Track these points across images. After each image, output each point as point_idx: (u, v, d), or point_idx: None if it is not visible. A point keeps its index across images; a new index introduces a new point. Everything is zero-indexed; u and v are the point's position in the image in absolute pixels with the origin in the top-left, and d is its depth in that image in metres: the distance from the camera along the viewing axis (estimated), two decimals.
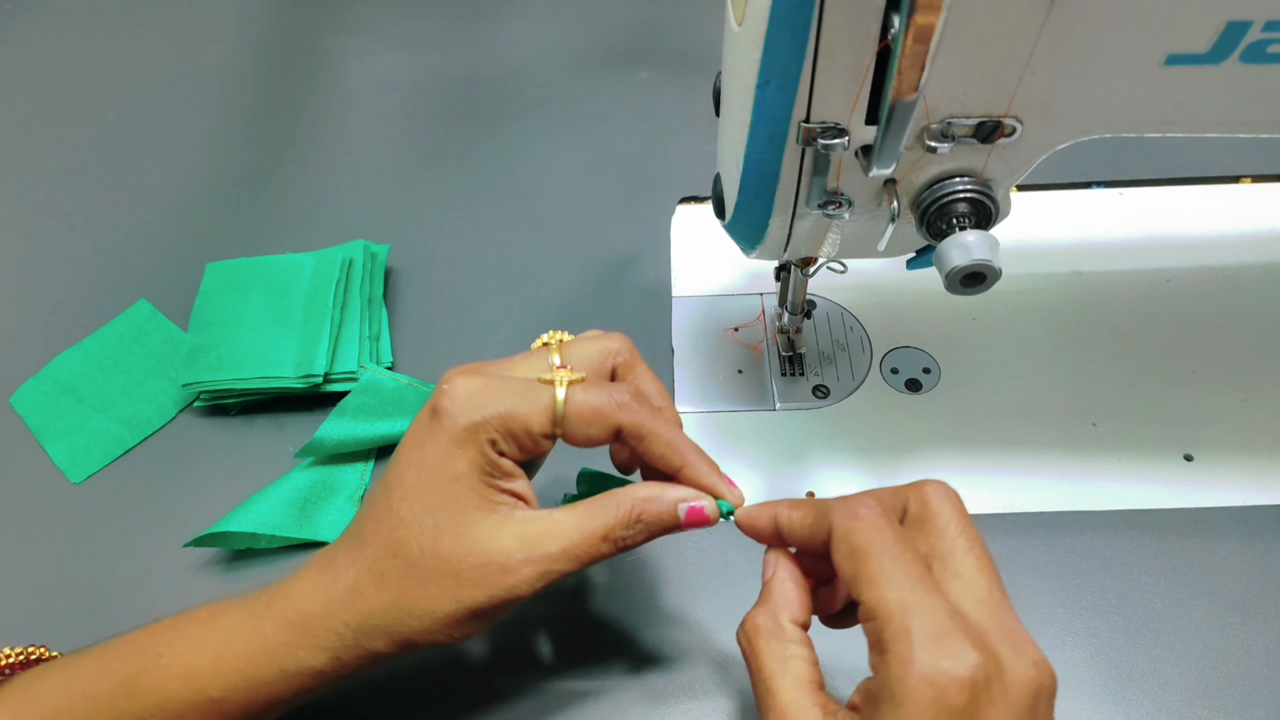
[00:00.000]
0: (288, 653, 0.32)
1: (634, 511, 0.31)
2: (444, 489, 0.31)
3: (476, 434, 0.31)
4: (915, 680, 0.24)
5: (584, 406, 0.31)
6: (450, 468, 0.31)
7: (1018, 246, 0.52)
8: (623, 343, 0.35)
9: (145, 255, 0.58)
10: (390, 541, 0.31)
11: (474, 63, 0.71)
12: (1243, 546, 0.42)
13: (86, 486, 0.47)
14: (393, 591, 0.31)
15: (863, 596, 0.26)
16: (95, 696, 0.32)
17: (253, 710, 0.32)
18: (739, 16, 0.30)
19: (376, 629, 0.31)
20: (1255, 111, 0.32)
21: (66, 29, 0.76)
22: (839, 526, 0.28)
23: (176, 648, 0.33)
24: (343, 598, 0.32)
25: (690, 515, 0.32)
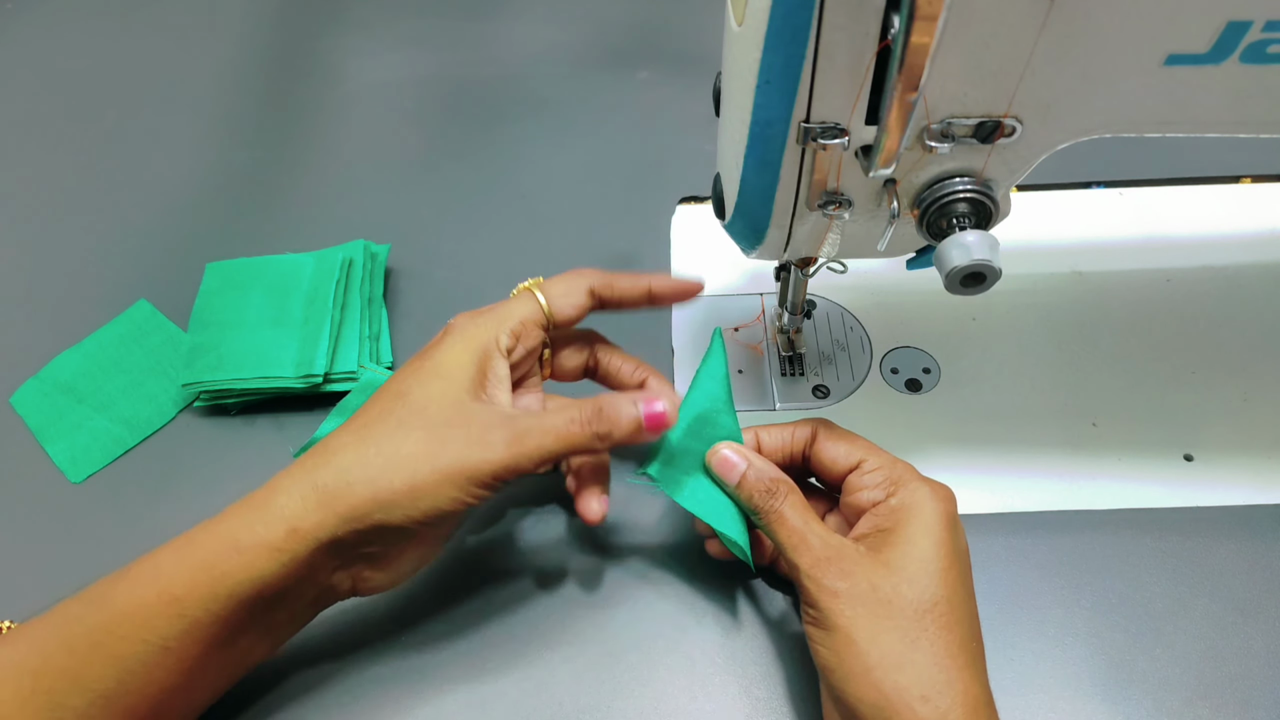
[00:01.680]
0: (245, 529, 0.32)
1: (597, 403, 0.35)
2: (445, 372, 0.35)
3: (481, 334, 0.37)
4: (928, 492, 0.35)
5: (557, 285, 0.39)
6: (454, 359, 0.36)
7: (1018, 246, 0.52)
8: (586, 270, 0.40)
9: (145, 255, 0.58)
10: (384, 408, 0.35)
11: (474, 63, 0.71)
12: (1243, 546, 0.42)
13: (86, 486, 0.47)
14: (373, 447, 0.33)
15: (865, 457, 0.37)
16: (66, 614, 0.33)
17: (219, 610, 0.32)
18: (739, 16, 0.31)
19: (346, 490, 0.32)
20: (1255, 111, 0.32)
21: (66, 29, 0.76)
22: (824, 429, 0.39)
23: (144, 560, 0.33)
24: (316, 460, 0.33)
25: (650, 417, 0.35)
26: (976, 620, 0.34)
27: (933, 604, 0.32)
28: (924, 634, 0.31)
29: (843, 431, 0.38)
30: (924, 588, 0.32)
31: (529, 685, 0.39)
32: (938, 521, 0.34)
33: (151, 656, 0.32)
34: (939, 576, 0.32)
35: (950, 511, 0.35)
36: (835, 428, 0.39)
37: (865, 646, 0.32)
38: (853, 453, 0.37)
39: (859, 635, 0.32)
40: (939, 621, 0.32)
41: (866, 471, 0.36)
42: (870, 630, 0.32)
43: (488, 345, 0.36)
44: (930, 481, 0.36)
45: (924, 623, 0.32)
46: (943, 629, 0.32)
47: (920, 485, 0.35)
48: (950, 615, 0.32)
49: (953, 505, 0.35)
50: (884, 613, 0.32)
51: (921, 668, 0.31)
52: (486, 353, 0.36)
